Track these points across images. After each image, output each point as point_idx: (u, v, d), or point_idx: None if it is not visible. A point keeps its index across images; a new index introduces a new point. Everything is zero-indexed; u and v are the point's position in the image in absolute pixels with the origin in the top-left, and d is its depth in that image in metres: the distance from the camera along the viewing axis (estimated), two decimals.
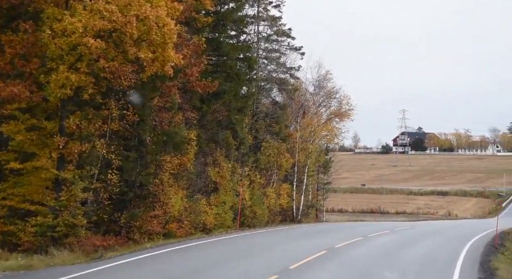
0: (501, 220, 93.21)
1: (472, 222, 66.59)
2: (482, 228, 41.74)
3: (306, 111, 46.52)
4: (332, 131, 49.29)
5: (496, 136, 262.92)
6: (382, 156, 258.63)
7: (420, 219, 70.85)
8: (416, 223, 47.62)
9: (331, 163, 54.46)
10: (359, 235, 29.47)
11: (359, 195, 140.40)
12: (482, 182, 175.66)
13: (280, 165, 43.08)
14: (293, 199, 45.18)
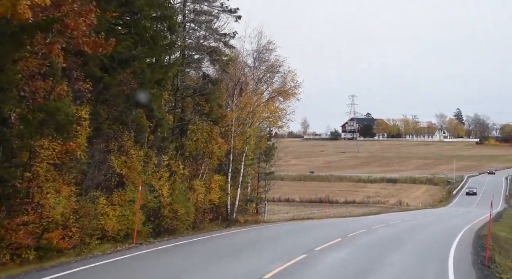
0: (451, 209, 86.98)
1: (429, 213, 59.73)
2: (452, 228, 34.51)
3: (244, 88, 38.37)
4: (275, 113, 41.30)
5: (443, 122, 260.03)
6: (331, 142, 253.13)
7: (372, 212, 63.74)
8: (370, 221, 40.01)
9: (274, 150, 46.44)
10: (300, 251, 20.95)
11: (307, 183, 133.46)
12: (430, 168, 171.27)
13: (211, 152, 34.90)
14: (227, 193, 37.09)
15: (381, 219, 42.76)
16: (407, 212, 65.11)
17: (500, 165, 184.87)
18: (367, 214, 57.54)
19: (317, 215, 70.84)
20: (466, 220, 46.72)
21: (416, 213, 58.16)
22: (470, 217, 54.73)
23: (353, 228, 31.45)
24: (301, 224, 37.86)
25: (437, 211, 68.70)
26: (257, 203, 43.85)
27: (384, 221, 37.10)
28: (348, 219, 43.63)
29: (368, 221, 38.91)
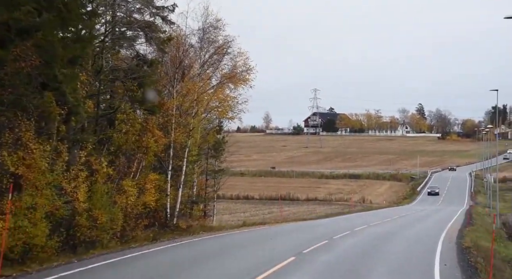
0: (417, 207, 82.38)
1: (395, 214, 54.75)
2: (427, 237, 29.30)
3: (187, 73, 32.58)
4: (224, 102, 35.61)
5: (406, 117, 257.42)
6: (294, 137, 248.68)
7: (334, 212, 58.49)
8: (332, 227, 34.43)
9: (224, 144, 40.73)
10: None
11: (268, 179, 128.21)
12: (393, 164, 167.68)
13: (146, 146, 29.10)
14: (167, 195, 31.32)
15: (344, 223, 37.45)
16: (372, 211, 60.12)
17: (462, 161, 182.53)
18: (329, 214, 52.24)
19: (275, 215, 65.52)
20: (438, 223, 41.82)
21: (382, 214, 53.08)
22: (441, 218, 49.97)
23: (311, 239, 25.97)
24: (249, 233, 32.23)
25: (403, 210, 63.96)
26: (205, 204, 38.13)
27: (347, 227, 31.78)
28: (307, 223, 38.09)
29: (330, 226, 33.46)
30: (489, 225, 49.16)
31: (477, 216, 62.99)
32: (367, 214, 53.92)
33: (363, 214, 52.91)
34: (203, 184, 38.02)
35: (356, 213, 55.17)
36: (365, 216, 48.78)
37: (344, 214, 52.42)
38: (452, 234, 30.09)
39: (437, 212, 63.56)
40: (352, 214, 53.56)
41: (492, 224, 55.22)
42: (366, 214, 52.77)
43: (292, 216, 64.51)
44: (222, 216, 64.51)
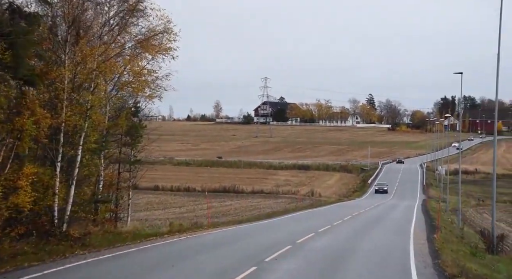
0: (368, 201, 75.56)
1: (346, 212, 47.67)
2: (392, 251, 22.09)
3: (84, 34, 24.50)
4: (140, 76, 27.74)
5: (356, 107, 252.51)
6: (244, 126, 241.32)
7: (279, 210, 50.75)
8: (271, 236, 26.12)
9: (143, 130, 32.70)
10: None
11: (214, 169, 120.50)
12: (343, 154, 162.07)
13: (19, 129, 21.08)
14: (54, 193, 23.31)
15: (284, 230, 29.93)
16: (320, 209, 52.94)
17: (412, 152, 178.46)
18: (271, 214, 44.42)
19: (215, 211, 57.93)
20: (399, 227, 34.83)
21: (331, 213, 45.78)
22: (400, 218, 43.19)
23: (239, 258, 18.43)
24: (178, 240, 24.19)
25: (355, 207, 57.12)
26: (116, 203, 30.20)
27: (285, 239, 24.03)
28: (243, 228, 30.14)
29: (268, 235, 25.58)
30: (455, 228, 42.64)
31: (436, 214, 56.67)
32: (314, 212, 46.66)
33: (309, 213, 45.64)
34: (114, 178, 30.03)
35: (302, 211, 47.85)
36: (311, 216, 41.54)
37: (289, 213, 45.07)
38: (422, 248, 22.96)
39: (392, 209, 56.99)
40: (298, 212, 46.22)
41: (455, 224, 49.09)
42: (313, 213, 45.50)
43: (233, 212, 57.09)
44: (153, 211, 56.64)
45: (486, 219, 66.18)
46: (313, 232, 27.34)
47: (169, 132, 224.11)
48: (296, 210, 48.95)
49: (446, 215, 62.24)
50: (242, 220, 36.87)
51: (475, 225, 56.85)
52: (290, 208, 52.70)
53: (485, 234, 27.44)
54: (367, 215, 45.36)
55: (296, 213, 45.41)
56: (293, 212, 46.70)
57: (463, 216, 71.55)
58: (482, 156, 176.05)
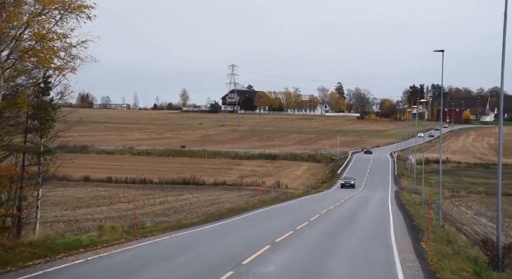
0: (338, 193, 69.11)
1: (314, 208, 41.42)
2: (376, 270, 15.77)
3: None
4: (45, 41, 21.00)
5: (325, 96, 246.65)
6: (211, 115, 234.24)
7: (236, 208, 43.87)
8: (216, 250, 19.34)
9: (54, 112, 25.63)
10: None
11: (177, 159, 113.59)
12: (312, 144, 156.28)
13: None
14: None
15: (234, 238, 23.41)
16: (283, 205, 46.46)
17: (382, 141, 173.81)
18: (224, 213, 37.36)
19: (168, 206, 51.37)
20: (376, 231, 28.57)
21: (295, 210, 39.23)
22: (375, 217, 37.04)
23: None
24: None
25: (323, 202, 50.90)
26: (18, 206, 23.39)
27: (233, 256, 17.44)
28: (177, 239, 22.91)
29: (202, 255, 18.55)
30: (437, 228, 36.70)
31: (411, 208, 50.86)
32: (277, 210, 40.16)
33: (271, 211, 39.11)
34: (15, 172, 23.11)
35: (263, 208, 41.28)
36: (272, 216, 35.10)
37: (247, 211, 38.50)
38: (413, 270, 16.62)
39: (364, 203, 50.94)
40: (258, 210, 39.64)
41: (435, 222, 43.26)
42: (274, 211, 38.97)
43: (187, 207, 50.48)
44: (95, 208, 49.65)
45: (464, 212, 60.58)
46: (269, 244, 20.80)
47: (132, 121, 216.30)
48: (256, 207, 42.44)
49: (422, 209, 56.57)
50: (185, 224, 30.10)
51: (454, 221, 51.13)
52: (250, 204, 46.18)
53: (488, 245, 21.19)
54: (337, 212, 39.12)
55: (255, 211, 38.87)
56: (251, 209, 40.21)
57: (437, 208, 66.18)
58: (452, 145, 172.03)
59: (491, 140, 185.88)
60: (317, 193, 71.56)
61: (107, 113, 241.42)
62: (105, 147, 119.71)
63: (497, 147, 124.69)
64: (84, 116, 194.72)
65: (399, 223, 34.00)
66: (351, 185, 79.04)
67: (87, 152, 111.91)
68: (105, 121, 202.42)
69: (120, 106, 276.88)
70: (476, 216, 56.27)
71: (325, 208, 40.80)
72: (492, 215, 59.16)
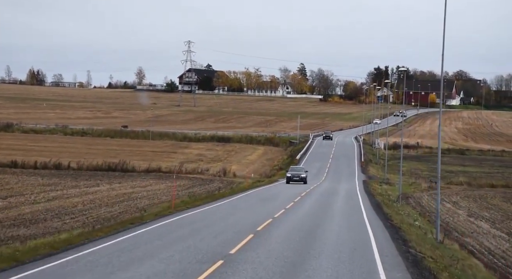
0: (293, 186, 52.13)
1: (258, 220, 26.69)
2: None
3: None
4: None
5: (287, 77, 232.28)
6: (167, 94, 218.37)
7: (135, 217, 28.01)
8: None
9: None
10: None
11: (114, 141, 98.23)
12: (271, 126, 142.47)
13: None
14: None
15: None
16: (212, 207, 31.85)
17: (345, 124, 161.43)
18: (91, 235, 21.32)
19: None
20: (351, 260, 14.22)
21: (221, 223, 23.77)
22: (347, 227, 22.94)
23: None
24: None
25: (275, 201, 36.49)
26: None
27: None
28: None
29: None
30: (433, 244, 22.79)
31: (390, 209, 36.85)
32: (194, 221, 25.16)
33: (185, 223, 24.05)
34: None
35: (176, 216, 26.42)
36: (180, 237, 20.34)
37: (145, 223, 23.67)
38: None
39: (329, 202, 36.73)
40: (162, 222, 24.64)
41: (422, 229, 29.29)
42: (190, 224, 23.88)
43: (81, 207, 35.35)
44: None
45: (454, 212, 46.69)
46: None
47: (81, 99, 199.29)
48: (161, 214, 27.66)
49: (402, 207, 42.78)
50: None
51: (448, 228, 37.38)
52: (162, 208, 31.31)
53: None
54: (289, 223, 24.56)
55: (157, 223, 24.15)
56: (158, 218, 25.57)
57: (417, 204, 52.59)
58: (419, 129, 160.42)
59: (458, 124, 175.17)
60: (269, 184, 57.26)
61: (57, 91, 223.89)
62: (33, 125, 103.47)
63: (466, 131, 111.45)
64: (31, 94, 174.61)
65: (384, 242, 20.03)
66: (302, 179, 56.41)
67: (12, 131, 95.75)
68: (52, 99, 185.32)
69: (73, 84, 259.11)
70: (472, 219, 42.63)
71: (266, 217, 26.09)
72: (489, 215, 45.60)
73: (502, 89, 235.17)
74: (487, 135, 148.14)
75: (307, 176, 57.89)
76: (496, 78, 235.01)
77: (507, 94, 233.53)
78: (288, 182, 56.08)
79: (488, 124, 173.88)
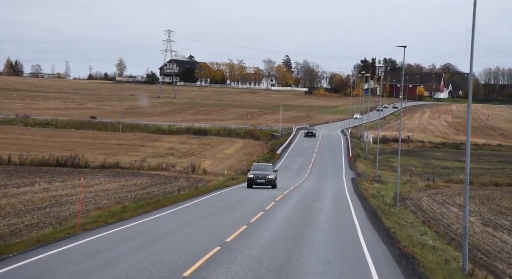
0: (266, 192, 40.12)
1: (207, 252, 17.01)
2: None
3: None
4: None
5: (271, 69, 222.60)
6: (147, 86, 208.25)
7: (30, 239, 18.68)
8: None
9: None
10: None
11: (78, 132, 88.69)
12: (254, 118, 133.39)
13: None
14: None
15: None
16: (151, 219, 22.40)
17: (332, 117, 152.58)
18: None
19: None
20: None
21: (130, 256, 14.55)
22: (337, 263, 13.73)
23: None
24: None
25: (236, 208, 27.41)
26: None
27: None
28: None
29: None
30: None
31: (389, 220, 27.86)
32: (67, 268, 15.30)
33: (54, 266, 14.62)
34: None
35: (64, 245, 16.75)
36: None
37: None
38: None
39: (310, 210, 27.49)
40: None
41: (470, 276, 19.51)
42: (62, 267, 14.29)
43: None
44: None
45: (461, 219, 37.99)
46: None
47: (56, 90, 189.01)
48: (52, 241, 17.85)
49: (401, 213, 33.89)
50: None
51: (460, 240, 28.52)
52: (67, 226, 21.88)
53: None
54: (244, 261, 15.05)
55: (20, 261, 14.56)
56: (31, 249, 16.05)
57: (417, 208, 43.67)
58: (408, 122, 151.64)
59: (448, 117, 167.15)
60: (243, 183, 47.95)
61: (32, 82, 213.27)
62: None
63: (456, 125, 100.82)
64: (5, 84, 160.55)
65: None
66: (269, 181, 41.49)
67: None
68: (27, 90, 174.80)
69: (53, 76, 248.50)
70: (490, 229, 33.76)
71: (209, 246, 16.33)
72: (510, 224, 36.70)
73: (490, 83, 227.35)
74: (479, 129, 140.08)
75: (277, 176, 42.89)
76: (484, 71, 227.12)
77: (495, 87, 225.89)
78: (251, 185, 41.35)
79: (479, 118, 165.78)
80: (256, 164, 46.36)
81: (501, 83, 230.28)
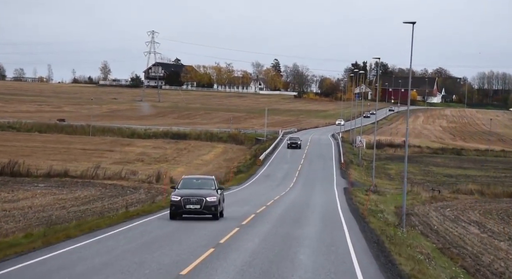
0: (247, 198, 32.96)
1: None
2: None
3: None
4: None
5: (260, 72, 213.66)
6: (131, 89, 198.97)
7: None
8: None
9: None
10: None
11: (41, 136, 79.58)
12: (240, 122, 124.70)
13: None
14: None
15: None
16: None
17: (321, 121, 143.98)
18: None
19: None
20: None
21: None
22: None
23: None
24: None
25: (190, 232, 18.39)
26: None
27: None
28: None
29: None
30: None
31: (404, 259, 19.06)
32: None
33: None
34: None
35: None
36: None
37: None
38: None
39: (287, 245, 18.48)
40: None
41: None
42: None
43: None
44: None
45: (491, 244, 28.91)
46: None
47: (35, 93, 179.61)
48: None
49: (411, 238, 25.02)
50: None
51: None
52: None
53: None
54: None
55: None
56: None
57: (428, 228, 34.90)
58: (401, 127, 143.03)
59: (443, 122, 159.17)
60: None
61: (12, 85, 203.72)
62: None
63: (452, 130, 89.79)
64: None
65: None
66: (206, 207, 24.66)
67: None
68: (4, 93, 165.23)
69: (36, 79, 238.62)
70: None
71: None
72: None
73: (484, 88, 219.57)
74: (475, 134, 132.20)
75: (224, 198, 26.72)
76: (478, 75, 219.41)
77: (489, 92, 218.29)
78: (175, 215, 24.99)
79: (475, 123, 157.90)
80: (186, 178, 27.95)
81: (495, 88, 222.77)
